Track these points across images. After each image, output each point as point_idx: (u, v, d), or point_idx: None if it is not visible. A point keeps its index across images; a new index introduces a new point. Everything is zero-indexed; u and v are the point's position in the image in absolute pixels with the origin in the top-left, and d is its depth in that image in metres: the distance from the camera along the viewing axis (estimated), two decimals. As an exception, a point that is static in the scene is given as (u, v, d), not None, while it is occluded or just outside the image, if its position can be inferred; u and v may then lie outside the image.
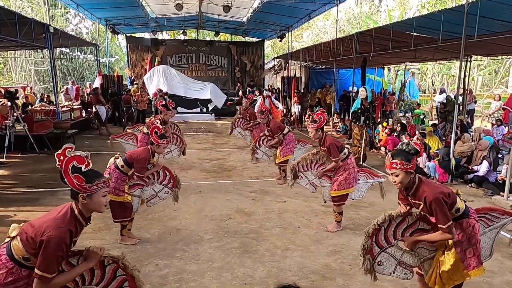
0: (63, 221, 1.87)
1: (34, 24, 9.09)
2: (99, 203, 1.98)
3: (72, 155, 1.91)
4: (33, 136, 8.86)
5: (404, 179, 2.44)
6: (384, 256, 2.63)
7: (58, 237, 1.80)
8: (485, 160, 6.51)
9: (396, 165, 2.42)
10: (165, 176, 4.25)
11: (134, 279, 2.17)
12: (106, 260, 2.12)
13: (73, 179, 1.89)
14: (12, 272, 1.84)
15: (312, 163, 4.57)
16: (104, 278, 2.14)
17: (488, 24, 6.92)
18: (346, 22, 27.90)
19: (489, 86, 22.04)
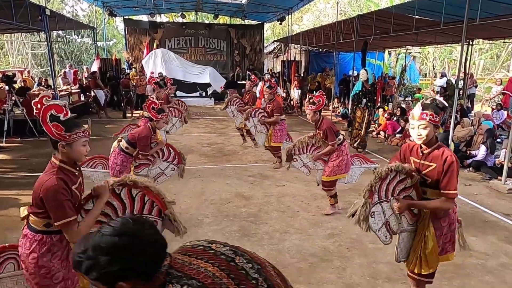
0: (49, 174, 1.91)
1: (30, 6, 8.92)
2: (79, 152, 1.96)
3: (49, 104, 1.86)
4: (32, 120, 8.83)
5: (430, 134, 2.28)
6: (378, 209, 2.46)
7: (51, 186, 1.83)
8: (483, 145, 6.53)
9: (426, 115, 2.25)
10: (170, 153, 4.32)
11: (151, 189, 2.20)
12: (116, 188, 2.14)
13: (51, 128, 1.87)
14: (43, 241, 1.90)
15: (308, 146, 4.59)
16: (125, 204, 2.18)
17: (491, 7, 6.81)
18: (347, 4, 27.44)
19: (490, 70, 21.89)
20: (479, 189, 5.73)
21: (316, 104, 4.36)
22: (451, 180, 2.24)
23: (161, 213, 2.27)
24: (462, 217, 4.61)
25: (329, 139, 4.34)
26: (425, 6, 7.60)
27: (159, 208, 2.25)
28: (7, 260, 1.96)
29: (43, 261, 1.88)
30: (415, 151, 2.44)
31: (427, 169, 2.35)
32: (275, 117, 6.36)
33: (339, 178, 4.49)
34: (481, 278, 3.33)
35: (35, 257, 1.87)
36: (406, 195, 2.47)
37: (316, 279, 3.28)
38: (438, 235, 2.39)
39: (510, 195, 5.48)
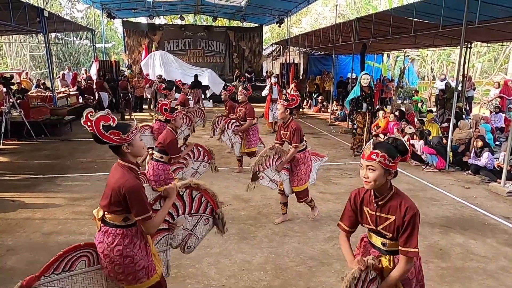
0: (125, 174, 2.05)
1: (28, 8, 8.91)
2: (140, 146, 2.15)
3: (97, 117, 2.00)
4: (29, 122, 8.79)
5: (378, 178, 1.90)
6: None
7: (135, 184, 2.02)
8: (488, 152, 6.50)
9: (376, 156, 1.89)
10: (199, 152, 4.54)
11: (208, 191, 2.53)
12: (180, 190, 2.41)
13: (110, 136, 2.01)
14: (125, 235, 2.08)
15: (270, 159, 4.21)
16: (185, 205, 2.48)
17: (489, 10, 6.83)
18: (346, 7, 27.53)
19: (488, 73, 21.96)
20: (478, 192, 5.71)
21: (289, 101, 4.18)
22: (412, 235, 1.89)
23: (213, 211, 2.58)
24: (461, 220, 4.62)
25: (294, 140, 4.13)
26: (424, 9, 7.62)
27: (212, 208, 2.57)
28: (80, 258, 2.08)
29: (127, 251, 2.06)
30: (368, 200, 2.05)
31: (385, 223, 1.98)
32: (248, 122, 6.17)
33: (308, 185, 4.36)
34: (481, 281, 3.31)
35: (119, 249, 2.05)
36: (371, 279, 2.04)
37: (315, 283, 3.25)
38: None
39: (509, 198, 5.47)
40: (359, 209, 2.10)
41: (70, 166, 6.78)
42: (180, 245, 2.57)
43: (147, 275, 2.15)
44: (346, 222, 2.16)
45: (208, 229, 2.63)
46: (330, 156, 7.67)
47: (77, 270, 2.06)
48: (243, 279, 3.29)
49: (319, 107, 15.01)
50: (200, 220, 2.58)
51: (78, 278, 2.07)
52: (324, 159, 4.70)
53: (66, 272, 2.02)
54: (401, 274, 1.96)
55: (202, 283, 3.23)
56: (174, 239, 2.52)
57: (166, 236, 2.46)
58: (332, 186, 5.83)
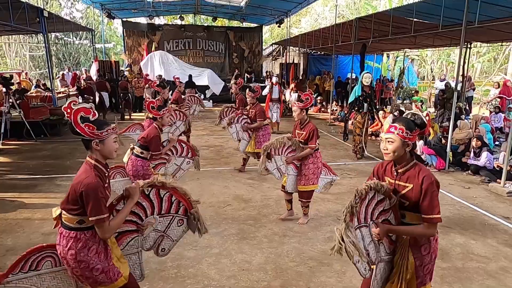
0: (87, 171, 2.03)
1: (28, 8, 8.89)
2: (111, 148, 2.12)
3: (78, 107, 2.01)
4: (29, 122, 8.78)
5: (397, 149, 2.05)
6: (357, 235, 2.12)
7: (91, 182, 1.96)
8: (487, 152, 6.50)
9: (394, 129, 2.04)
10: (182, 148, 4.47)
11: (177, 190, 2.37)
12: (145, 189, 2.29)
13: (84, 128, 2.01)
14: (78, 238, 2.02)
15: (284, 147, 4.28)
16: (154, 205, 2.34)
17: (489, 10, 6.84)
18: (345, 7, 27.54)
19: (488, 73, 21.97)
20: (478, 192, 5.71)
21: (303, 101, 4.22)
22: (432, 202, 1.99)
23: (187, 212, 2.44)
24: (462, 220, 4.62)
25: (311, 141, 4.16)
26: (424, 9, 7.62)
27: (185, 207, 2.43)
28: (44, 259, 2.09)
29: (80, 256, 2.01)
30: (389, 170, 2.20)
31: (403, 190, 2.10)
32: (258, 122, 6.14)
33: (316, 188, 4.35)
34: (482, 282, 3.31)
35: (73, 253, 2.01)
36: (385, 219, 2.17)
37: (315, 283, 3.25)
38: (417, 265, 2.12)
39: (509, 198, 5.47)
40: (381, 179, 2.23)
41: (70, 166, 6.77)
42: (153, 247, 2.45)
43: (110, 279, 2.09)
44: None
45: (183, 230, 2.48)
46: (330, 156, 7.69)
47: (44, 270, 2.10)
48: (243, 280, 3.29)
49: (318, 107, 15.01)
50: (173, 221, 2.43)
51: (46, 277, 2.11)
52: (335, 178, 4.62)
53: (33, 271, 2.06)
54: (417, 233, 2.08)
55: (202, 283, 3.23)
56: (146, 241, 2.40)
57: (136, 238, 2.34)
58: (332, 187, 5.81)
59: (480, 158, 6.51)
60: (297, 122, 4.37)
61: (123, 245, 2.30)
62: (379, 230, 2.09)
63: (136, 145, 4.11)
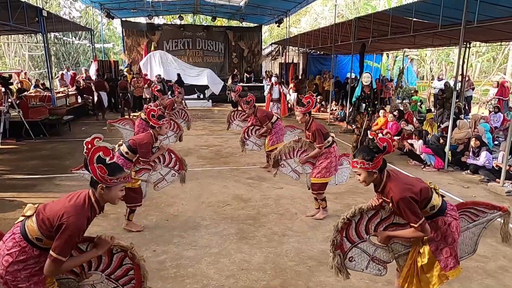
0: (82, 208, 1.93)
1: (27, 7, 8.89)
2: (115, 196, 2.05)
3: (99, 146, 1.97)
4: (28, 122, 8.78)
5: (367, 178, 2.31)
6: (355, 251, 2.46)
7: (76, 223, 1.87)
8: (486, 151, 6.51)
9: (356, 164, 2.30)
10: (171, 159, 4.30)
11: (140, 268, 2.27)
12: (115, 248, 2.21)
13: (96, 169, 1.96)
14: (24, 251, 1.90)
15: (294, 151, 4.49)
16: (110, 265, 2.23)
17: (488, 10, 6.84)
18: (345, 7, 27.53)
19: (487, 73, 21.99)
20: (477, 192, 5.72)
21: (305, 106, 4.36)
22: (408, 214, 2.21)
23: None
24: (461, 220, 4.61)
25: (317, 141, 4.29)
26: (423, 9, 7.62)
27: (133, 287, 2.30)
28: None
29: (14, 267, 1.88)
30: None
31: (389, 204, 2.34)
32: (266, 126, 6.26)
33: (328, 180, 4.44)
34: (481, 281, 3.31)
35: (8, 260, 1.88)
36: (389, 224, 2.42)
37: (315, 283, 3.25)
38: (433, 250, 2.30)
39: (508, 197, 5.47)
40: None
41: (69, 166, 6.72)
42: None
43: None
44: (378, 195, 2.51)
45: None
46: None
47: None
48: (242, 279, 3.29)
49: (318, 107, 15.00)
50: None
51: None
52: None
53: None
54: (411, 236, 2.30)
55: (201, 282, 3.23)
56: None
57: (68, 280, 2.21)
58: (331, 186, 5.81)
59: (479, 158, 6.51)
60: (304, 125, 4.52)
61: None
62: (380, 239, 2.39)
63: (124, 144, 3.99)
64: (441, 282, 2.31)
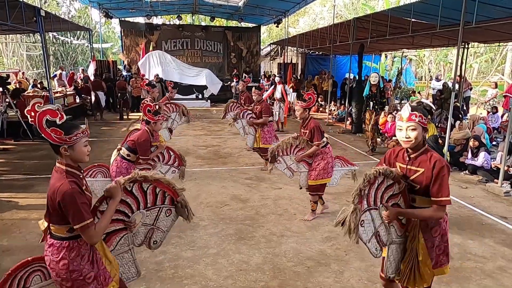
0: (60, 178, 1.90)
1: (25, 7, 8.84)
2: (82, 152, 1.96)
3: (43, 109, 1.85)
4: (26, 122, 8.74)
5: (419, 136, 2.13)
6: (367, 216, 2.23)
7: (66, 189, 1.84)
8: (484, 152, 6.51)
9: (415, 116, 2.12)
10: (170, 156, 4.33)
11: (160, 181, 2.31)
12: (127, 185, 2.21)
13: (50, 133, 1.86)
14: (70, 247, 1.94)
15: (292, 147, 4.42)
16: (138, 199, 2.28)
17: (486, 10, 6.85)
18: (343, 7, 27.57)
19: (485, 73, 22.03)
20: (475, 192, 5.72)
21: (306, 101, 4.33)
22: (443, 186, 2.09)
23: (173, 201, 2.39)
24: (459, 220, 4.62)
25: (315, 139, 4.27)
26: (422, 9, 7.63)
27: (171, 197, 2.39)
28: (33, 273, 1.98)
29: (73, 265, 1.93)
30: (401, 156, 2.29)
31: (414, 175, 2.19)
32: (264, 118, 6.26)
33: (326, 182, 4.43)
34: (479, 281, 3.31)
35: (65, 263, 1.92)
36: (394, 203, 2.28)
37: (313, 283, 3.24)
38: (429, 246, 2.23)
39: (506, 198, 5.48)
40: (392, 164, 2.34)
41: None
42: (144, 241, 2.44)
43: (101, 285, 2.03)
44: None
45: (172, 219, 2.46)
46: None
47: (34, 286, 1.98)
48: (241, 280, 3.28)
49: (317, 107, 15.01)
50: (161, 213, 2.42)
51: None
52: (353, 168, 4.68)
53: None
54: (426, 216, 2.17)
55: (199, 283, 3.22)
56: (136, 237, 2.39)
57: (126, 236, 2.32)
58: (330, 187, 5.80)
59: (478, 158, 6.52)
60: (301, 122, 4.49)
61: (113, 245, 2.25)
62: (389, 213, 2.20)
63: (124, 147, 4.01)
64: (431, 279, 2.28)
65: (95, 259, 2.02)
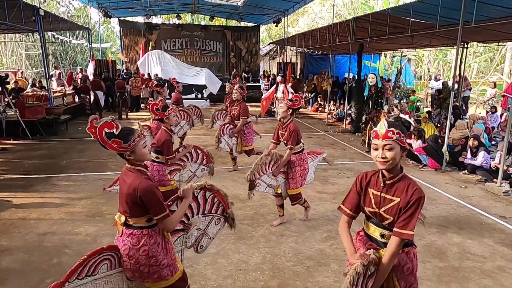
0: (137, 177, 2.09)
1: (24, 6, 8.84)
2: (143, 154, 2.15)
3: (101, 124, 2.02)
4: (25, 121, 8.73)
5: (397, 156, 1.85)
6: None
7: (147, 186, 2.04)
8: (483, 151, 6.52)
9: (393, 134, 1.84)
10: (198, 154, 4.44)
11: (220, 192, 2.62)
12: (195, 191, 2.49)
13: (112, 144, 2.04)
14: (150, 235, 2.13)
15: (266, 165, 4.15)
16: (199, 205, 2.56)
17: (486, 10, 6.86)
18: (343, 7, 27.56)
19: (484, 73, 22.06)
20: (474, 192, 5.73)
21: (292, 101, 4.19)
22: (412, 219, 1.82)
23: (223, 211, 2.69)
24: (458, 220, 4.62)
25: (291, 142, 4.09)
26: (421, 9, 7.63)
27: (223, 208, 2.68)
28: (102, 261, 2.09)
29: (152, 251, 2.12)
30: (374, 182, 1.99)
31: (389, 204, 1.91)
32: (242, 121, 6.14)
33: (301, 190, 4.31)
34: (479, 281, 3.31)
35: (146, 249, 2.10)
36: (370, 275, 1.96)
37: (313, 283, 3.24)
38: (403, 286, 1.98)
39: (505, 197, 5.49)
40: (363, 191, 2.03)
41: (66, 165, 6.73)
42: (194, 245, 2.65)
43: (171, 273, 2.22)
44: (348, 205, 2.10)
45: (219, 228, 2.72)
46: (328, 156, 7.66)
47: (100, 274, 2.07)
48: (240, 280, 3.28)
49: (316, 107, 15.02)
50: (212, 220, 2.66)
51: (100, 282, 2.07)
52: (322, 156, 4.70)
53: (89, 277, 2.02)
54: (392, 257, 1.88)
55: (198, 283, 3.21)
56: (189, 239, 2.60)
57: (181, 237, 2.53)
58: (329, 186, 5.82)
59: (477, 158, 6.52)
60: (280, 123, 4.30)
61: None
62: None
63: (151, 151, 4.02)
64: None
65: (168, 248, 2.23)
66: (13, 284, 3.15)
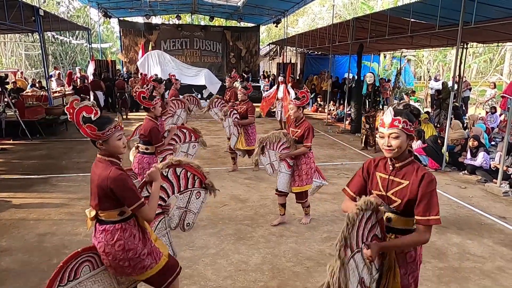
0: (106, 167, 2.03)
1: (23, 6, 8.84)
2: (117, 146, 2.09)
3: (80, 106, 2.00)
4: (24, 122, 8.72)
5: (402, 144, 1.85)
6: (352, 265, 1.76)
7: (117, 175, 1.99)
8: (483, 152, 6.52)
9: (398, 122, 1.84)
10: (184, 134, 4.47)
11: (191, 165, 2.54)
12: (163, 171, 2.41)
13: (86, 129, 2.00)
14: (123, 228, 2.08)
15: (279, 143, 4.24)
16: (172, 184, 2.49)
17: (485, 11, 6.86)
18: (342, 7, 27.56)
19: (484, 73, 22.07)
20: (474, 192, 5.73)
21: (300, 99, 4.20)
22: (432, 203, 1.78)
23: (201, 183, 2.62)
24: (458, 220, 4.63)
25: (306, 140, 4.11)
26: (421, 10, 7.64)
27: (200, 180, 2.61)
28: (82, 264, 2.06)
29: (128, 245, 2.07)
30: (382, 166, 2.00)
31: (397, 187, 1.90)
32: (249, 118, 6.12)
33: (308, 188, 4.30)
34: (478, 282, 3.31)
35: (121, 244, 2.05)
36: (373, 235, 1.88)
37: (312, 284, 3.24)
38: (402, 273, 1.95)
39: (505, 198, 5.49)
40: (371, 175, 2.03)
41: (66, 166, 6.73)
42: (179, 224, 2.61)
43: (155, 260, 2.19)
44: (352, 188, 2.08)
45: (202, 201, 2.66)
46: (327, 156, 7.70)
47: (83, 276, 2.05)
48: (240, 280, 3.27)
49: (316, 107, 15.02)
50: (192, 195, 2.59)
51: (87, 284, 2.06)
52: (324, 182, 4.60)
53: (72, 281, 1.99)
54: (412, 242, 1.89)
55: (198, 284, 3.21)
56: (172, 220, 2.55)
57: (163, 220, 2.48)
58: (329, 186, 5.80)
59: (477, 158, 6.53)
60: (292, 120, 4.33)
61: (152, 229, 2.37)
62: (371, 252, 1.80)
63: (140, 143, 4.04)
64: None
65: (146, 237, 2.18)
66: (13, 285, 3.15)
